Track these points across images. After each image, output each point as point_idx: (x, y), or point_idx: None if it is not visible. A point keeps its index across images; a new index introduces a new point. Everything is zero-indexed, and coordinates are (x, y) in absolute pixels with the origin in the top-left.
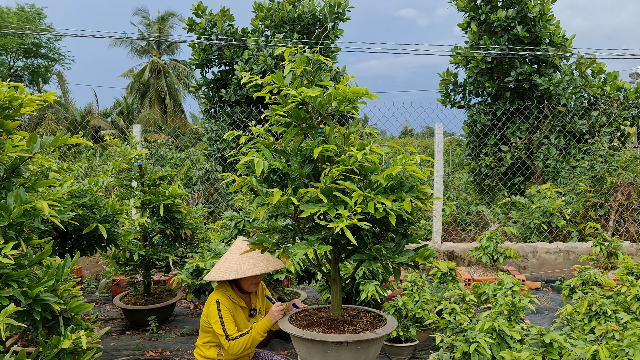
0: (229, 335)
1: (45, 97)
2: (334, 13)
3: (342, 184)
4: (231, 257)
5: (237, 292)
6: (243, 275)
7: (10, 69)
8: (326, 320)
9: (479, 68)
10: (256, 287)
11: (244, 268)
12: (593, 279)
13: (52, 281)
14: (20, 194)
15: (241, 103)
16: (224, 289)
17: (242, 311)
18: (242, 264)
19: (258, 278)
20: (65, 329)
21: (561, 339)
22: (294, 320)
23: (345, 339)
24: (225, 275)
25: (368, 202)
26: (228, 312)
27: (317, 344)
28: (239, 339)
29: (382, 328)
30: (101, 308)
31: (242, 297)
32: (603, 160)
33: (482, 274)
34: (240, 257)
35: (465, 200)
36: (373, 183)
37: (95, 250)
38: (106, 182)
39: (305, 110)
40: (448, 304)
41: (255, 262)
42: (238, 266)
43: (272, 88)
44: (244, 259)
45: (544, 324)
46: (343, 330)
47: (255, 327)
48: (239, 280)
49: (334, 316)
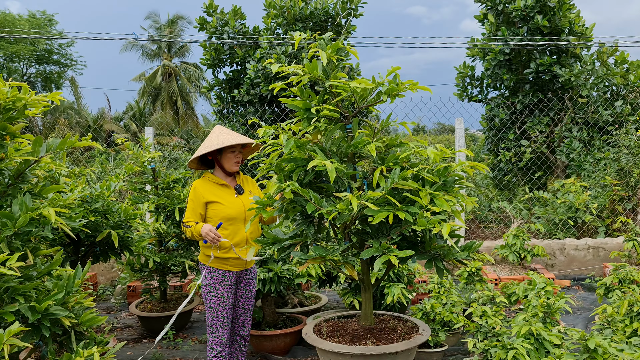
0: (184, 222)
1: (50, 97)
2: (347, 9)
3: (404, 183)
4: (211, 137)
5: (222, 174)
6: (221, 145)
7: (23, 76)
8: (352, 330)
9: (497, 60)
10: (237, 166)
11: (222, 141)
12: (630, 276)
13: (62, 294)
14: (25, 201)
15: (254, 103)
16: (207, 176)
17: (224, 188)
18: (220, 139)
19: (238, 156)
20: (77, 344)
21: (606, 343)
22: (321, 330)
23: (382, 351)
24: (206, 150)
25: (434, 200)
26: (196, 199)
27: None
28: (187, 229)
29: (415, 337)
30: (117, 315)
31: (225, 178)
32: (629, 152)
33: (509, 273)
34: (218, 135)
35: (486, 196)
36: (427, 180)
37: (109, 257)
38: (119, 186)
39: (338, 103)
40: (478, 307)
41: (232, 136)
42: (217, 141)
43: (300, 79)
44: (222, 136)
45: (577, 324)
46: (381, 340)
47: (194, 227)
48: (222, 162)
49: (366, 325)
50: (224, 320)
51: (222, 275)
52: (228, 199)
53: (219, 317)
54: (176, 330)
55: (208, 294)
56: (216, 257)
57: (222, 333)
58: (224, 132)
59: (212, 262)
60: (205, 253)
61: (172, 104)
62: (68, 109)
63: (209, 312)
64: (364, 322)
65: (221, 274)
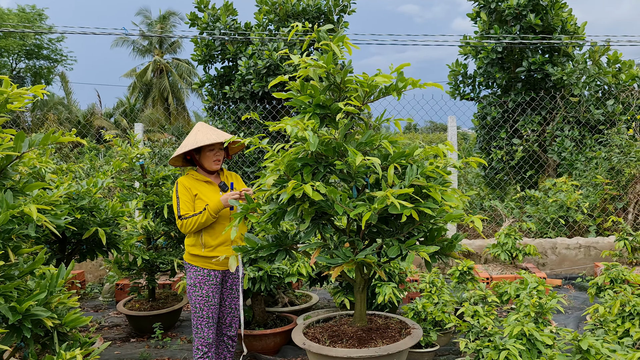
0: (182, 215)
1: (33, 90)
2: (339, 5)
3: (416, 180)
4: (189, 136)
5: (203, 172)
6: (195, 145)
7: (12, 71)
8: (352, 333)
9: (489, 58)
10: (217, 165)
11: (197, 140)
12: (622, 276)
13: (44, 294)
14: (6, 198)
15: (245, 99)
16: (190, 173)
17: (208, 185)
18: (197, 138)
19: (218, 155)
20: (60, 345)
21: (598, 344)
22: (311, 331)
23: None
24: (182, 150)
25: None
26: (187, 192)
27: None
28: (192, 219)
29: (405, 339)
30: (105, 314)
31: (209, 176)
32: (620, 151)
33: (501, 272)
34: (195, 134)
35: (478, 195)
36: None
37: (96, 255)
38: (105, 182)
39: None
40: (470, 306)
41: (208, 135)
42: (193, 141)
43: (301, 74)
44: (199, 135)
45: (569, 324)
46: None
47: (209, 207)
48: (201, 161)
49: (360, 326)
50: (209, 320)
51: (207, 274)
52: (212, 196)
53: (204, 317)
54: (165, 329)
55: (193, 293)
56: (201, 256)
57: (208, 333)
58: (202, 130)
59: (197, 261)
60: (190, 252)
61: (163, 100)
62: (58, 104)
63: (194, 312)
64: (358, 322)
65: (206, 273)
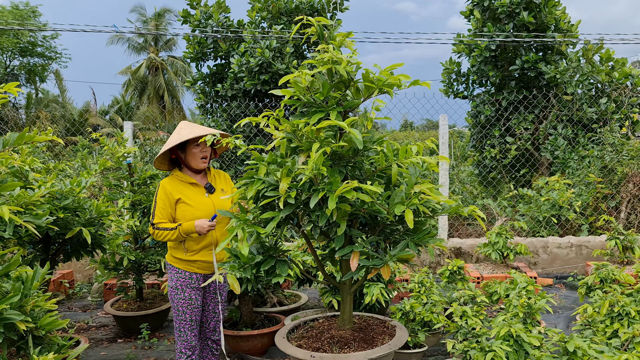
0: (154, 224)
1: (6, 88)
2: (332, 3)
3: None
4: (172, 136)
5: (190, 172)
6: (179, 140)
7: (6, 69)
8: (336, 338)
9: (483, 56)
10: (205, 163)
11: (180, 136)
12: (611, 275)
13: (17, 297)
14: None
15: (238, 97)
16: (174, 175)
17: (194, 188)
18: (180, 134)
19: (204, 151)
20: (35, 349)
21: (585, 345)
22: (296, 335)
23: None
24: (167, 147)
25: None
26: (166, 199)
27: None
28: (163, 231)
29: (389, 344)
30: (93, 314)
31: (194, 176)
32: (613, 150)
33: (492, 271)
34: (179, 131)
35: (470, 193)
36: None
37: (81, 255)
38: (90, 181)
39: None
40: (458, 307)
41: (191, 130)
42: (176, 137)
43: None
44: (182, 132)
45: (559, 324)
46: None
47: (181, 227)
48: (187, 160)
49: (345, 329)
50: (192, 323)
51: (189, 277)
52: (197, 200)
53: (186, 320)
54: (152, 330)
55: (175, 296)
56: (183, 259)
57: (190, 336)
58: (185, 127)
59: (179, 263)
60: (173, 254)
61: (158, 97)
62: (52, 102)
63: (176, 315)
64: (343, 324)
65: (188, 275)
